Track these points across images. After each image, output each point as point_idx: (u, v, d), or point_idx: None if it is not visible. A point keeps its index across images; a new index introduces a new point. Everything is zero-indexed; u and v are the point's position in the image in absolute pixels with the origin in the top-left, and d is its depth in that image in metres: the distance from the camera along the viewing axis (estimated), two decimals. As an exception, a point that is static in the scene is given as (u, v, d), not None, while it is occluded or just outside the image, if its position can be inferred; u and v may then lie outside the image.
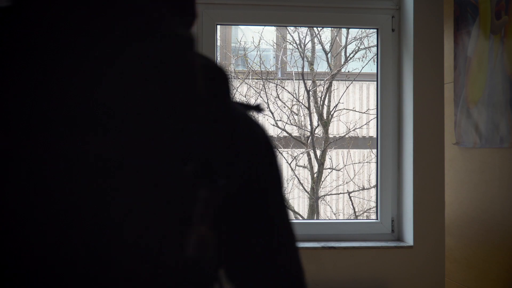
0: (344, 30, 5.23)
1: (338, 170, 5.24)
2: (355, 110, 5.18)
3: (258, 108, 0.60)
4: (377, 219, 3.13)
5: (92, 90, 0.50)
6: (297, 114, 5.07)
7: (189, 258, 0.51)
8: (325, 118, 5.14)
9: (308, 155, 4.96)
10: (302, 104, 5.11)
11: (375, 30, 3.28)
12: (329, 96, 5.16)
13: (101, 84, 0.50)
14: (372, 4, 3.15)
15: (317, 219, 4.77)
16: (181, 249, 0.51)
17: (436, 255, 2.95)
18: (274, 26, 4.37)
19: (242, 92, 5.14)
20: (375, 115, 3.38)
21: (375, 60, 3.39)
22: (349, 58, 5.21)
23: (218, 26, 3.22)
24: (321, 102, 5.12)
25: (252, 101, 4.72)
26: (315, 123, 5.10)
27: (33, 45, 0.51)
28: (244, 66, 5.39)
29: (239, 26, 5.77)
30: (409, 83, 3.02)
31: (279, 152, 4.98)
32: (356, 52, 5.09)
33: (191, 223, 0.51)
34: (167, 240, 0.50)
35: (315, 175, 4.93)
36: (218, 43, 3.32)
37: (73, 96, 0.50)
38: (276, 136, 4.96)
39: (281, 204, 0.61)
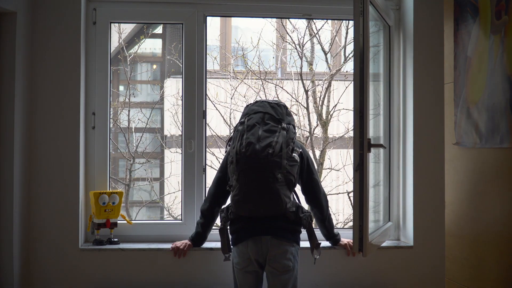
0: (343, 30, 5.22)
1: (338, 170, 5.24)
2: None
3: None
4: (389, 220, 3.08)
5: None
6: (296, 114, 5.06)
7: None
8: (324, 118, 5.14)
9: (308, 155, 4.95)
10: (301, 104, 5.11)
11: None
12: (328, 96, 5.16)
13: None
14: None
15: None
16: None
17: (436, 255, 2.94)
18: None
19: (241, 92, 5.14)
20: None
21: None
22: (348, 58, 5.21)
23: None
24: (320, 102, 5.13)
25: (252, 101, 4.72)
26: (314, 123, 5.10)
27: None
28: (243, 66, 5.39)
29: (239, 26, 5.79)
30: (409, 83, 3.01)
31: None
32: (355, 52, 5.08)
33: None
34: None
35: (315, 175, 4.93)
36: (218, 44, 3.32)
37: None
38: (275, 136, 4.95)
39: (317, 176, 2.69)
